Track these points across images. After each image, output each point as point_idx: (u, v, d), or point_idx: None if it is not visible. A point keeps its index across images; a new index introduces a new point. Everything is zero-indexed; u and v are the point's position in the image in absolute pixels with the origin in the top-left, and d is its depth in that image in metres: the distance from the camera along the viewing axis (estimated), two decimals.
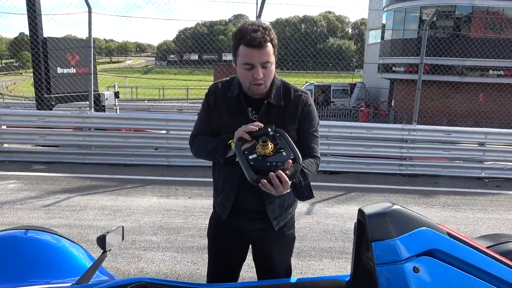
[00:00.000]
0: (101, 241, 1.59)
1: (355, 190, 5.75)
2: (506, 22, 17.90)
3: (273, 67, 1.58)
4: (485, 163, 6.92)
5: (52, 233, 2.03)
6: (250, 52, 1.51)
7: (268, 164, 1.37)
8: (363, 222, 1.32)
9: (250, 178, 1.37)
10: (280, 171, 1.34)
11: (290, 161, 1.37)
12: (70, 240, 2.04)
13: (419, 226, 1.28)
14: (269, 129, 1.46)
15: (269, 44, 1.52)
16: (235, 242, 1.80)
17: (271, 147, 1.39)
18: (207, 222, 1.94)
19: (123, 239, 1.79)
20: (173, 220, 4.19)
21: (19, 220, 4.03)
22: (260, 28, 1.52)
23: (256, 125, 1.47)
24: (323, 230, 4.07)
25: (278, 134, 1.46)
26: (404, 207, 1.33)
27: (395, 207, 1.32)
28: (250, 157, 1.39)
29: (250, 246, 1.85)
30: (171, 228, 3.96)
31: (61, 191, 5.03)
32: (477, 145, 7.01)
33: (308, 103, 1.69)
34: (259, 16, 6.30)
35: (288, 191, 1.41)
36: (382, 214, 1.26)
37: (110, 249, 1.64)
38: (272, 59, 1.55)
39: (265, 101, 1.62)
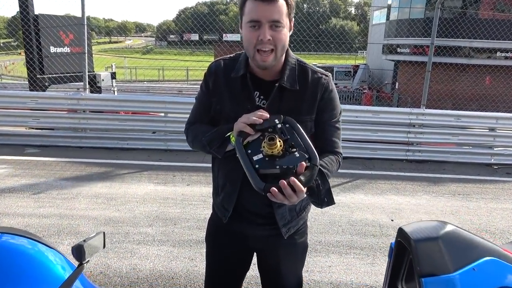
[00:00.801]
0: (77, 251, 1.33)
1: (361, 177, 5.51)
2: None
3: (285, 32, 1.27)
4: (495, 149, 6.67)
5: (28, 237, 1.78)
6: (257, 6, 1.22)
7: (278, 167, 1.10)
8: (405, 245, 1.04)
9: (256, 186, 1.11)
10: (292, 177, 1.08)
11: (304, 163, 1.11)
12: (48, 246, 1.78)
13: (483, 255, 0.99)
14: (277, 121, 1.18)
15: (281, 1, 1.23)
16: (238, 249, 1.54)
17: (280, 145, 1.12)
18: (206, 212, 1.69)
19: (104, 246, 1.54)
20: (170, 210, 3.96)
21: (6, 209, 3.80)
22: None
23: (260, 116, 1.20)
24: (329, 221, 3.84)
25: (288, 126, 1.18)
26: (459, 228, 1.05)
27: (449, 228, 1.02)
28: (255, 158, 1.12)
29: (255, 254, 1.60)
30: (167, 219, 3.73)
31: (53, 177, 4.80)
32: (488, 130, 6.74)
33: (329, 88, 1.39)
34: None
35: (303, 196, 1.15)
36: (433, 239, 0.97)
37: (88, 260, 1.39)
38: (285, 21, 1.25)
39: (277, 84, 1.32)
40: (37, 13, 7.29)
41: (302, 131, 1.18)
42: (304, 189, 1.10)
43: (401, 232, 1.06)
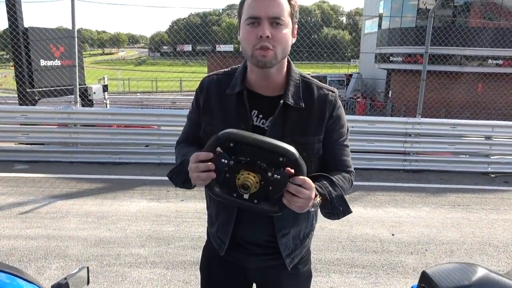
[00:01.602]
0: None
1: (358, 188, 5.41)
2: (505, 11, 17.53)
3: (287, 32, 1.15)
4: (491, 157, 6.62)
5: (6, 271, 1.63)
6: (256, 2, 1.13)
7: (271, 188, 1.01)
8: None
9: (270, 214, 1.06)
10: (289, 182, 1.00)
11: (289, 168, 1.02)
12: (27, 281, 1.65)
13: None
14: (219, 149, 1.05)
15: None
16: (236, 283, 1.41)
17: (252, 176, 1.01)
18: (201, 230, 1.57)
19: (88, 283, 1.41)
20: (164, 228, 3.81)
21: None
22: None
23: (205, 158, 1.05)
24: (328, 237, 3.72)
25: (232, 145, 1.03)
26: (491, 271, 0.93)
27: (481, 273, 0.88)
28: (245, 196, 1.02)
29: (254, 285, 1.47)
30: (161, 238, 3.58)
31: (42, 195, 4.63)
32: (484, 138, 6.70)
33: (337, 105, 1.28)
34: None
35: (316, 205, 1.08)
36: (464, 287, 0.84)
37: None
38: (287, 19, 1.14)
39: (281, 101, 1.20)
40: (26, 26, 7.18)
41: (251, 136, 1.02)
42: (307, 178, 1.03)
43: (425, 277, 0.93)
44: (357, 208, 4.55)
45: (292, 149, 1.01)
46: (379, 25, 21.75)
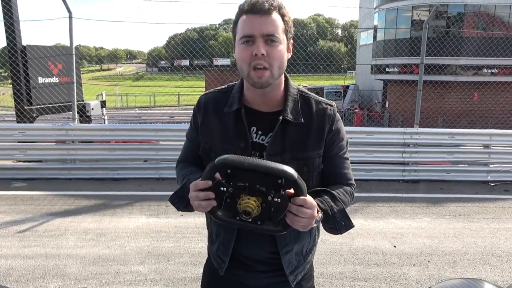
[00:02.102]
0: None
1: (359, 200, 5.38)
2: (498, 21, 17.79)
3: (282, 49, 1.14)
4: (490, 166, 6.62)
5: None
6: (249, 20, 1.11)
7: (273, 209, 1.00)
8: None
9: (275, 233, 1.07)
10: (290, 202, 1.00)
11: (288, 190, 1.01)
12: None
13: None
14: (218, 176, 1.03)
15: (276, 14, 1.12)
16: None
17: (252, 201, 1.00)
18: (201, 245, 1.54)
19: None
20: (163, 244, 3.77)
21: None
22: None
23: (203, 187, 1.03)
24: (330, 250, 3.68)
25: (229, 171, 1.02)
26: (495, 285, 0.92)
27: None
28: (249, 220, 1.01)
29: None
30: (160, 255, 3.54)
31: (40, 213, 4.59)
32: (482, 147, 6.71)
33: (336, 119, 1.28)
34: None
35: (318, 220, 1.08)
36: None
37: None
38: (281, 36, 1.13)
39: (280, 117, 1.20)
40: (24, 44, 7.22)
41: (247, 161, 1.00)
42: (308, 198, 1.01)
43: None
44: (358, 220, 4.52)
45: (290, 170, 1.00)
46: (374, 37, 22.02)
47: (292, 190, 1.01)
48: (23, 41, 7.15)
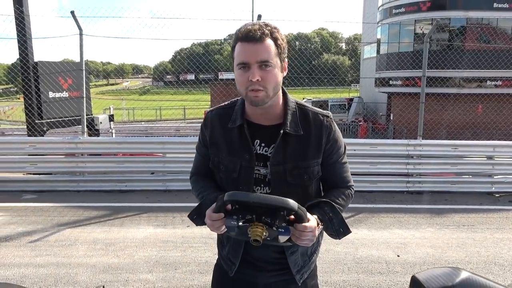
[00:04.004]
0: None
1: (363, 210, 5.44)
2: (500, 34, 17.93)
3: (276, 72, 1.25)
4: (494, 177, 6.65)
5: None
6: (244, 48, 1.22)
7: (278, 235, 1.17)
8: None
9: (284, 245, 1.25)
10: (292, 227, 1.17)
11: (291, 217, 1.17)
12: None
13: None
14: (232, 221, 1.19)
15: (269, 40, 1.23)
16: None
17: (259, 230, 1.15)
18: (207, 254, 1.65)
19: None
20: (170, 253, 3.85)
21: (2, 259, 3.69)
22: (260, 23, 1.25)
23: (216, 219, 1.21)
24: (334, 259, 3.74)
25: (237, 206, 1.18)
26: (475, 274, 1.02)
27: (464, 275, 0.98)
28: (255, 243, 1.16)
29: None
30: (168, 264, 3.62)
31: (50, 224, 4.70)
32: (486, 158, 6.75)
33: (333, 129, 1.39)
34: None
35: (319, 231, 1.24)
36: None
37: None
38: (274, 60, 1.24)
39: (281, 131, 1.31)
40: (36, 60, 7.46)
41: (252, 198, 1.15)
42: (308, 224, 1.16)
43: (414, 280, 1.02)
44: (361, 230, 4.58)
45: (290, 202, 1.13)
46: (378, 50, 22.24)
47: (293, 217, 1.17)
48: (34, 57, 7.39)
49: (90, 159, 6.39)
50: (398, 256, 3.91)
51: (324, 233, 1.40)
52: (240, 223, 1.16)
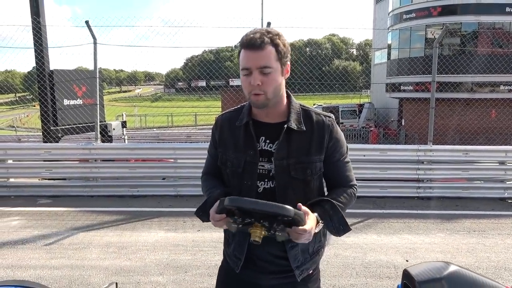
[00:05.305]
0: None
1: (372, 216, 5.44)
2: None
3: (276, 76, 1.35)
4: (507, 182, 6.57)
5: None
6: (246, 55, 1.33)
7: (275, 234, 1.25)
8: (410, 287, 1.05)
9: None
10: (291, 230, 1.23)
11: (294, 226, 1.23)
12: None
13: None
14: (233, 222, 1.28)
15: (269, 47, 1.32)
16: None
17: (259, 232, 1.22)
18: (217, 258, 1.70)
19: None
20: (181, 257, 3.93)
21: (19, 261, 3.82)
22: (261, 31, 1.34)
23: (217, 219, 1.31)
24: (342, 264, 3.77)
25: (236, 210, 1.24)
26: (463, 268, 1.06)
27: (452, 269, 1.03)
28: (255, 242, 1.24)
29: None
30: (178, 267, 3.69)
31: (65, 227, 4.83)
32: (498, 164, 6.69)
33: (335, 128, 1.47)
34: None
35: (319, 229, 1.30)
36: (437, 280, 0.98)
37: None
38: (274, 65, 1.33)
39: (285, 126, 1.40)
40: (52, 69, 7.68)
41: (250, 204, 1.21)
42: (303, 228, 1.22)
43: (405, 274, 1.07)
44: (371, 235, 4.59)
45: (286, 209, 1.19)
46: (388, 56, 22.16)
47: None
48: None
49: (103, 164, 6.53)
50: (407, 261, 3.90)
51: (332, 239, 1.46)
52: (240, 225, 1.26)
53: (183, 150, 6.60)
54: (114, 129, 8.74)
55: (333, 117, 1.51)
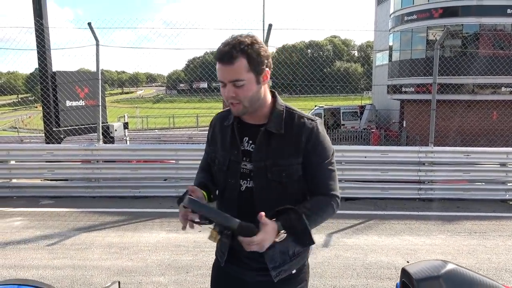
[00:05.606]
0: None
1: (373, 217, 5.45)
2: None
3: (250, 86, 1.36)
4: (508, 184, 6.58)
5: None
6: (219, 67, 1.37)
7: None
8: (408, 286, 1.07)
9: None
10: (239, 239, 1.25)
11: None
12: None
13: None
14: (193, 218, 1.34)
15: (240, 61, 1.33)
16: None
17: (214, 231, 1.27)
18: None
19: None
20: (182, 257, 3.95)
21: (21, 261, 3.84)
22: (233, 42, 1.34)
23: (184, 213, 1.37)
24: (343, 265, 3.78)
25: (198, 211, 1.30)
26: (460, 266, 1.08)
27: (450, 267, 1.05)
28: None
29: None
30: (180, 267, 3.72)
31: (67, 228, 4.85)
32: (499, 165, 6.69)
33: (315, 131, 1.43)
34: (266, 42, 6.25)
35: (281, 239, 1.27)
36: (435, 278, 0.99)
37: None
38: (246, 76, 1.34)
39: (262, 129, 1.43)
40: (54, 70, 7.72)
41: (203, 209, 1.26)
42: (255, 237, 1.23)
43: (404, 272, 1.09)
44: (371, 237, 4.60)
45: (229, 221, 1.22)
46: (390, 58, 22.17)
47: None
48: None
49: (105, 165, 6.55)
50: (407, 262, 3.91)
51: (332, 242, 1.45)
52: (204, 224, 1.30)
53: (185, 151, 6.63)
54: (116, 130, 8.76)
55: (319, 121, 1.48)
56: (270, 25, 6.35)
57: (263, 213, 1.26)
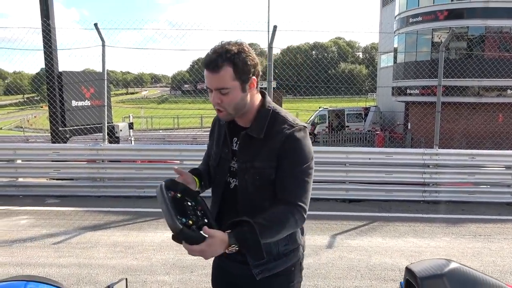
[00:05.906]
0: None
1: (377, 219, 5.44)
2: None
3: (235, 94, 1.38)
4: None
5: (52, 284, 1.84)
6: (206, 74, 1.39)
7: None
8: (412, 284, 1.08)
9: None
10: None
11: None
12: None
13: None
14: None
15: (225, 68, 1.34)
16: (232, 285, 1.61)
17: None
18: None
19: None
20: (187, 257, 3.95)
21: (28, 259, 3.88)
22: (220, 50, 1.36)
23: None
24: (347, 266, 3.78)
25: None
26: (464, 265, 1.09)
27: (453, 266, 1.06)
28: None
29: None
30: (184, 266, 3.74)
31: (72, 227, 4.89)
32: (504, 168, 6.66)
33: (292, 138, 1.41)
34: (270, 43, 6.27)
35: (232, 251, 1.27)
36: (438, 276, 1.00)
37: None
38: (231, 84, 1.36)
39: (242, 132, 1.49)
40: (61, 71, 7.78)
41: (162, 203, 1.30)
42: (196, 247, 1.24)
43: (408, 271, 1.10)
44: (376, 238, 4.60)
45: (174, 225, 1.22)
46: (395, 59, 22.11)
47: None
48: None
49: (110, 165, 6.60)
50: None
51: (336, 243, 1.46)
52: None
53: (189, 152, 6.67)
54: (121, 130, 8.82)
55: (303, 126, 1.47)
56: (275, 27, 6.37)
57: (206, 226, 1.25)
